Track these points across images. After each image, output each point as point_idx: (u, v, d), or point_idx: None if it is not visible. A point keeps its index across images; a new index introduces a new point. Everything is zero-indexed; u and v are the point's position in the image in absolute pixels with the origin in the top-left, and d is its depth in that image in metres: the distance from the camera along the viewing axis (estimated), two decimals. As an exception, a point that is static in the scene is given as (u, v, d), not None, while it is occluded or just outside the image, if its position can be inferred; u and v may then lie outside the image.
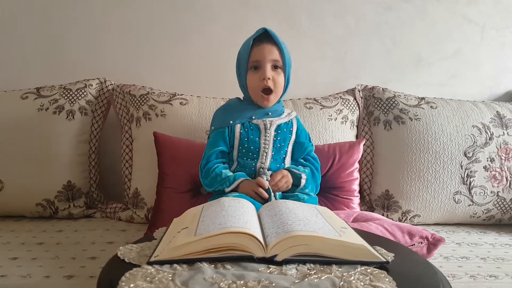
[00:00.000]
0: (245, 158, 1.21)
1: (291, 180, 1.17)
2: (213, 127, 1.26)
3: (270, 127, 1.22)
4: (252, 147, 1.20)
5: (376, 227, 1.10)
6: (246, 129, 1.21)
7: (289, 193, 1.19)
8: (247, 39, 1.22)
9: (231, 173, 1.17)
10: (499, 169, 1.47)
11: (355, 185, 1.43)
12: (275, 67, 1.20)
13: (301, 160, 1.27)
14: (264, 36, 1.20)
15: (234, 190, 1.14)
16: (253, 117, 1.22)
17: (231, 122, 1.22)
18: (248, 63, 1.19)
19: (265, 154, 1.20)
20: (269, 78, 1.17)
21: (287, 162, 1.25)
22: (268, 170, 1.19)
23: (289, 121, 1.26)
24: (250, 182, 1.13)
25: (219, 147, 1.21)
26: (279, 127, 1.23)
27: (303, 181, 1.19)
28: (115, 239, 1.26)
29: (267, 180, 1.14)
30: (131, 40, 1.75)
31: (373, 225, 1.11)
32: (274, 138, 1.22)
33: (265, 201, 1.08)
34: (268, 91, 1.19)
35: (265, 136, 1.21)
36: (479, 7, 1.80)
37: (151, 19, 1.75)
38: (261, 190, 1.10)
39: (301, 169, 1.22)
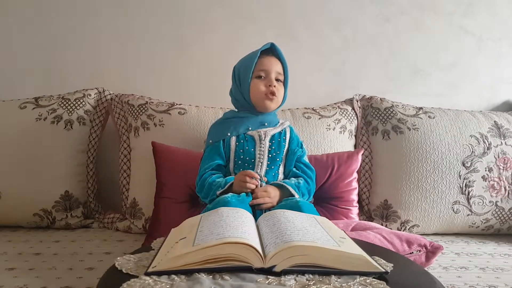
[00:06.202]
0: (241, 169, 1.21)
1: (274, 203, 1.14)
2: (210, 140, 1.27)
3: (264, 137, 1.24)
4: (247, 158, 1.22)
5: (375, 235, 1.10)
6: (242, 141, 1.24)
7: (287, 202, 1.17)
8: (253, 52, 1.26)
9: (223, 179, 1.18)
10: (497, 178, 1.47)
11: (353, 195, 1.43)
12: (277, 80, 1.25)
13: (294, 169, 1.26)
14: (269, 51, 1.27)
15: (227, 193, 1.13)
16: (250, 128, 1.26)
17: (228, 134, 1.25)
18: (254, 71, 1.24)
19: (260, 164, 1.21)
20: (274, 86, 1.24)
21: (281, 171, 1.25)
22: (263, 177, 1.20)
23: (282, 130, 1.29)
24: (237, 179, 1.15)
25: (215, 161, 1.23)
26: (273, 137, 1.26)
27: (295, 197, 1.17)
28: (113, 249, 1.25)
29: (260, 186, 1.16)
30: (129, 50, 1.76)
31: (371, 233, 1.11)
32: (269, 148, 1.24)
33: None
34: (272, 95, 1.24)
35: (260, 147, 1.23)
36: (475, 18, 1.82)
37: (150, 29, 1.76)
38: (249, 180, 1.13)
39: (295, 185, 1.19)
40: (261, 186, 1.16)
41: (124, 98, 1.60)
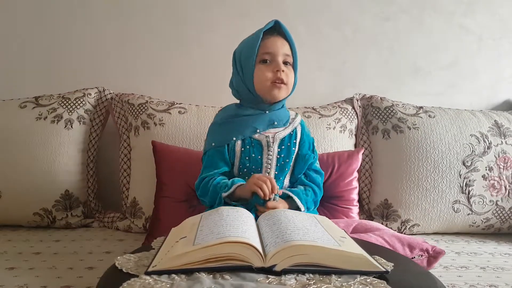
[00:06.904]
0: (246, 178, 1.09)
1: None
2: (213, 143, 1.14)
3: (273, 143, 1.12)
4: (253, 166, 1.11)
5: (376, 238, 1.09)
6: (248, 146, 1.11)
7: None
8: (253, 35, 1.13)
9: (229, 181, 1.10)
10: (497, 178, 1.47)
11: (354, 194, 1.43)
12: (285, 63, 1.11)
13: (302, 177, 1.16)
14: (274, 30, 1.13)
15: (233, 196, 1.07)
16: (258, 130, 1.12)
17: (234, 139, 1.12)
18: (257, 55, 1.09)
19: (267, 174, 1.11)
20: (283, 70, 1.09)
21: (287, 179, 1.17)
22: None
23: (293, 131, 1.16)
24: (256, 177, 1.04)
25: (221, 169, 1.12)
26: (282, 141, 1.13)
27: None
28: (113, 248, 1.25)
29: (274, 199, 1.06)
30: (130, 49, 1.75)
31: (373, 236, 1.10)
32: (278, 156, 1.12)
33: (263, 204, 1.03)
34: (280, 82, 1.09)
35: (268, 154, 1.11)
36: (476, 17, 1.82)
37: (150, 28, 1.75)
38: (266, 187, 1.01)
39: (303, 198, 1.10)
40: (274, 199, 1.04)
41: (124, 98, 1.60)
